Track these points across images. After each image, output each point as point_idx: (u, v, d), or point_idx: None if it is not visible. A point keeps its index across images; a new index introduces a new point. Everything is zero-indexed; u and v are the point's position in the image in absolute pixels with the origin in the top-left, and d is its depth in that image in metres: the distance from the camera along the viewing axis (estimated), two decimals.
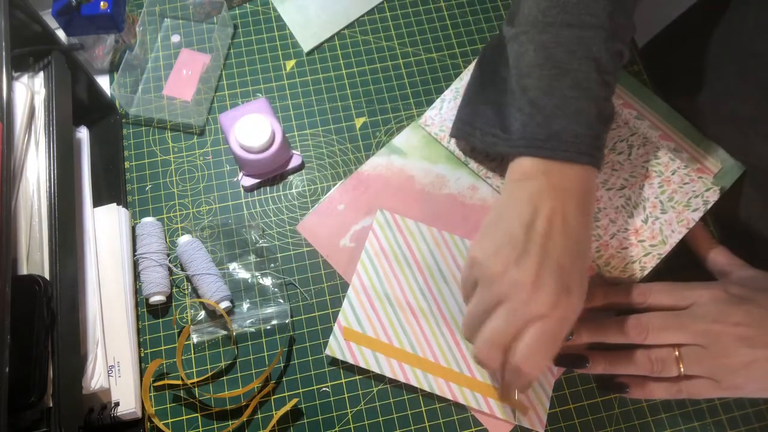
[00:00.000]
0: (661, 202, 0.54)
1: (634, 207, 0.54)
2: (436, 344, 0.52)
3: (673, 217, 0.53)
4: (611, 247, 0.54)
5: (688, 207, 0.53)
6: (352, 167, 0.60)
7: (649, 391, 0.47)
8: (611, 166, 0.55)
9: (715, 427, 0.52)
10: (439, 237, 0.55)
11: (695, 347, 0.44)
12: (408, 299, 0.53)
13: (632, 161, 0.55)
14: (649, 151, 0.55)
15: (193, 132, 0.61)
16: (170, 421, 0.51)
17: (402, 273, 0.54)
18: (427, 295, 0.53)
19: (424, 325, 0.53)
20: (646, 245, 0.53)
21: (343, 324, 0.52)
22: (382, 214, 0.56)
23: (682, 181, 0.54)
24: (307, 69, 0.64)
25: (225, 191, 0.59)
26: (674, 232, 0.53)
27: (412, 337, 0.52)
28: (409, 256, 0.55)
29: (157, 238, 0.55)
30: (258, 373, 0.53)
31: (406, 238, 0.55)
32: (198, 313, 0.54)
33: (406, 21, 0.66)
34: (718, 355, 0.44)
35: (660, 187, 0.54)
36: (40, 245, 0.45)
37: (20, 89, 0.48)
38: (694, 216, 0.53)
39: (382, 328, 0.52)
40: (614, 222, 0.53)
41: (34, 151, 0.48)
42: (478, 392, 0.51)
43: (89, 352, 0.48)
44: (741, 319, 0.44)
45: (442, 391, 0.51)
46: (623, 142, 0.55)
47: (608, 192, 0.54)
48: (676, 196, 0.54)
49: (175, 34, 0.65)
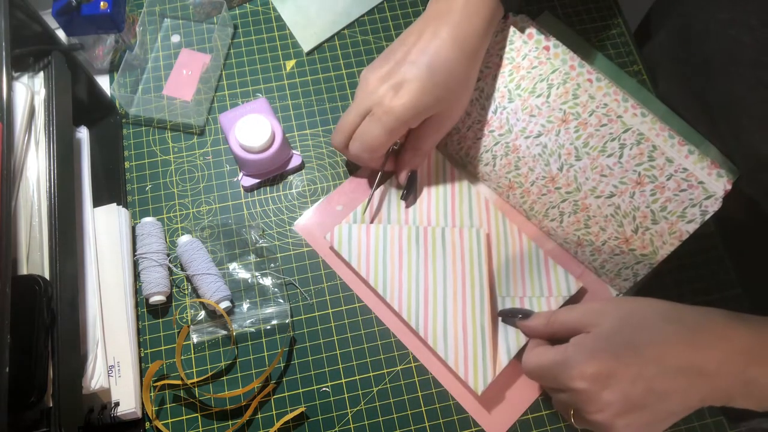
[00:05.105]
0: (653, 211, 0.50)
1: (624, 217, 0.51)
2: (407, 300, 0.53)
3: (665, 228, 0.50)
4: (604, 252, 0.54)
5: (683, 218, 0.49)
6: (351, 167, 0.60)
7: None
8: (600, 171, 0.51)
9: (715, 427, 0.52)
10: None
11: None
12: (402, 250, 0.55)
13: (623, 165, 0.50)
14: (643, 152, 0.49)
15: (193, 132, 0.61)
16: (170, 421, 0.51)
17: (408, 228, 0.56)
18: (420, 252, 0.55)
19: (404, 279, 0.54)
20: (637, 254, 0.52)
21: (334, 243, 0.56)
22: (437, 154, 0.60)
23: (678, 187, 0.48)
24: (307, 69, 0.64)
25: (225, 191, 0.59)
26: (665, 243, 0.50)
27: (389, 284, 0.54)
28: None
29: (157, 238, 0.55)
30: (258, 373, 0.53)
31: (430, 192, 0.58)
32: (198, 313, 0.54)
33: (406, 21, 0.66)
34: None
35: (652, 194, 0.50)
36: (40, 245, 0.45)
37: (20, 89, 0.48)
38: (688, 228, 0.49)
39: (366, 260, 0.55)
40: (604, 230, 0.53)
41: (34, 151, 0.48)
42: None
43: (89, 352, 0.48)
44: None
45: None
46: (615, 140, 0.50)
47: (597, 200, 0.52)
48: (669, 205, 0.49)
49: (175, 34, 0.65)
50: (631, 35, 0.66)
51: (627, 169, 0.50)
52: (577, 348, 0.42)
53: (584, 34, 0.66)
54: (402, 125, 0.49)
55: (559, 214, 0.55)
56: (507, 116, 0.54)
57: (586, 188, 0.52)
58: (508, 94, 0.54)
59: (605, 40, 0.66)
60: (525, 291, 0.54)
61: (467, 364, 0.51)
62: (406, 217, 0.57)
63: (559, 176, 0.53)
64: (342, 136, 0.52)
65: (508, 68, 0.53)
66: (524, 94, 0.53)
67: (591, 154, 0.51)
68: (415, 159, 0.55)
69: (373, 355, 0.54)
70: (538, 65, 0.52)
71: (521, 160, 0.55)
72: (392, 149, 0.55)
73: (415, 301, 0.53)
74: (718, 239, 0.58)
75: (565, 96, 0.51)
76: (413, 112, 0.49)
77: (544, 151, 0.53)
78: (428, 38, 0.49)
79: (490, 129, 0.55)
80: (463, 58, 0.49)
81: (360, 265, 0.55)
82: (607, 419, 0.40)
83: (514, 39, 0.53)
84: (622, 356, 0.40)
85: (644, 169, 0.49)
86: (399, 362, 0.53)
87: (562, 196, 0.54)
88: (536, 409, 0.52)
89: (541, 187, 0.55)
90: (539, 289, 0.54)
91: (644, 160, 0.49)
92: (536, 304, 0.52)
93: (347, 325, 0.55)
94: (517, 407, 0.52)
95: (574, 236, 0.55)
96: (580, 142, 0.51)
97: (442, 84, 0.49)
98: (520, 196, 0.56)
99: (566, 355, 0.42)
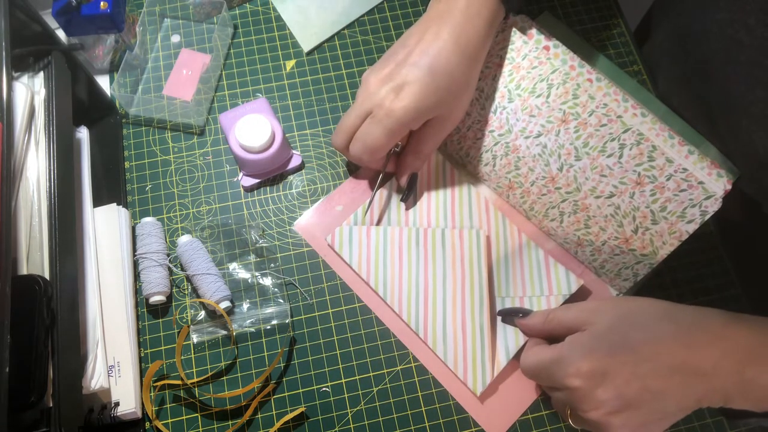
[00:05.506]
0: (653, 212, 0.50)
1: (624, 217, 0.51)
2: (407, 301, 0.53)
3: (665, 228, 0.50)
4: (604, 252, 0.54)
5: (682, 218, 0.49)
6: (351, 167, 0.60)
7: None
8: (600, 171, 0.51)
9: (715, 427, 0.52)
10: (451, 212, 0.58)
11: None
12: (402, 251, 0.55)
13: (623, 165, 0.50)
14: (643, 152, 0.49)
15: (193, 132, 0.61)
16: (170, 421, 0.51)
17: (408, 229, 0.56)
18: (420, 254, 0.55)
19: (404, 280, 0.54)
20: (637, 254, 0.52)
21: (335, 243, 0.56)
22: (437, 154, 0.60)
23: (678, 187, 0.48)
24: (307, 69, 0.64)
25: (225, 191, 0.59)
26: (665, 244, 0.50)
27: (388, 285, 0.54)
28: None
29: (157, 238, 0.55)
30: (258, 373, 0.53)
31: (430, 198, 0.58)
32: (198, 313, 0.54)
33: (406, 21, 0.66)
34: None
35: (652, 194, 0.50)
36: (40, 245, 0.45)
37: (20, 89, 0.48)
38: (688, 228, 0.49)
39: (366, 262, 0.55)
40: (604, 230, 0.53)
41: (34, 151, 0.48)
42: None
43: (89, 352, 0.48)
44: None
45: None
46: (614, 140, 0.50)
47: (597, 200, 0.52)
48: (669, 205, 0.49)
49: (175, 34, 0.65)
50: (631, 35, 0.66)
51: (627, 170, 0.50)
52: (572, 346, 0.42)
53: (584, 34, 0.66)
54: (403, 127, 0.49)
55: (559, 214, 0.55)
56: (507, 116, 0.54)
57: (585, 188, 0.52)
58: (508, 94, 0.54)
59: (605, 40, 0.66)
60: (525, 291, 0.54)
61: (466, 365, 0.51)
62: (406, 218, 0.57)
63: (559, 176, 0.53)
64: (342, 136, 0.52)
65: (508, 68, 0.53)
66: (524, 94, 0.53)
67: (591, 154, 0.51)
68: (416, 162, 0.55)
69: (373, 355, 0.54)
70: (538, 65, 0.52)
71: (521, 160, 0.55)
72: (393, 151, 0.55)
73: (414, 303, 0.53)
74: (718, 239, 0.58)
75: (565, 96, 0.51)
76: (414, 114, 0.49)
77: (543, 151, 0.53)
78: (430, 40, 0.49)
79: (490, 129, 0.55)
80: (464, 60, 0.49)
81: (360, 266, 0.55)
82: (601, 417, 0.40)
83: (514, 39, 0.53)
84: (616, 354, 0.40)
85: (644, 169, 0.49)
86: (399, 362, 0.53)
87: (562, 196, 0.54)
88: (536, 409, 0.52)
89: (541, 187, 0.55)
90: (539, 288, 0.54)
91: (644, 160, 0.49)
92: (536, 303, 0.52)
93: (347, 325, 0.55)
94: (517, 407, 0.52)
95: (574, 236, 0.55)
96: (579, 142, 0.51)
97: (443, 86, 0.49)
98: (520, 196, 0.56)
99: (562, 353, 0.42)
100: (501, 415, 0.52)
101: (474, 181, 0.59)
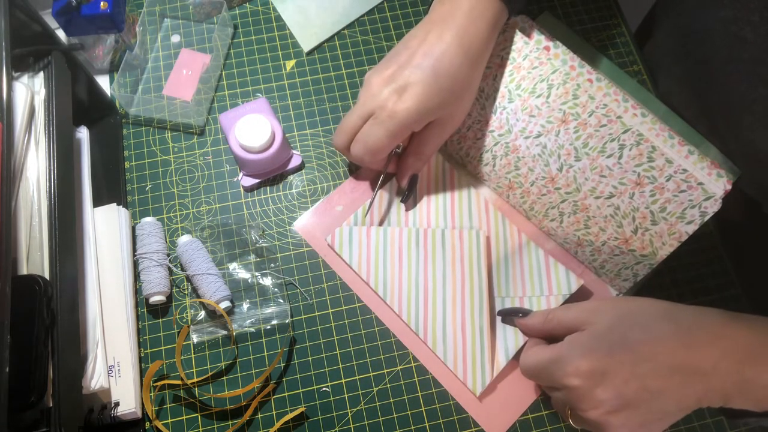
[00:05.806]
0: (652, 212, 0.50)
1: (623, 217, 0.51)
2: (407, 302, 0.54)
3: (664, 229, 0.50)
4: (604, 252, 0.54)
5: (682, 219, 0.49)
6: (352, 167, 0.60)
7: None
8: (599, 171, 0.51)
9: (715, 427, 0.52)
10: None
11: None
12: (402, 252, 0.55)
13: (623, 165, 0.50)
14: (642, 152, 0.49)
15: (193, 132, 0.61)
16: (170, 421, 0.51)
17: (408, 230, 0.56)
18: (420, 254, 0.55)
19: (404, 281, 0.54)
20: (637, 255, 0.52)
21: (335, 243, 0.56)
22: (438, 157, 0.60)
23: (678, 188, 0.48)
24: (307, 69, 0.64)
25: (225, 191, 0.59)
26: (665, 244, 0.50)
27: (389, 285, 0.54)
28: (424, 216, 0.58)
29: (157, 238, 0.55)
30: (258, 373, 0.53)
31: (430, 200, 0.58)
32: (198, 313, 0.54)
33: (406, 21, 0.66)
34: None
35: (652, 195, 0.49)
36: (40, 245, 0.45)
37: (20, 89, 0.48)
38: (687, 229, 0.49)
39: (366, 262, 0.55)
40: (604, 230, 0.53)
41: (34, 151, 0.48)
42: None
43: (89, 352, 0.48)
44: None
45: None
46: (614, 141, 0.50)
47: (597, 200, 0.52)
48: (669, 206, 0.49)
49: (175, 34, 0.65)
50: (632, 35, 0.66)
51: (626, 170, 0.50)
52: (571, 345, 0.42)
53: (584, 35, 0.66)
54: (405, 129, 0.49)
55: (559, 214, 0.55)
56: (507, 116, 0.54)
57: (585, 189, 0.52)
58: (508, 94, 0.54)
59: (605, 40, 0.66)
60: (525, 291, 0.54)
61: (466, 365, 0.51)
62: (406, 218, 0.57)
63: (559, 176, 0.53)
64: (344, 137, 0.52)
65: (509, 68, 0.53)
66: (524, 94, 0.53)
67: (590, 155, 0.51)
68: (417, 163, 0.55)
69: (373, 355, 0.54)
70: (538, 65, 0.52)
71: (521, 160, 0.55)
72: (394, 152, 0.55)
73: (414, 303, 0.53)
74: (718, 239, 0.58)
75: (565, 96, 0.51)
76: (417, 116, 0.49)
77: (543, 152, 0.53)
78: (432, 41, 0.48)
79: (490, 129, 0.55)
80: (467, 62, 0.49)
81: (360, 266, 0.55)
82: (601, 416, 0.40)
83: (515, 39, 0.53)
84: (615, 354, 0.40)
85: (644, 169, 0.49)
86: (399, 362, 0.53)
87: (562, 197, 0.54)
88: (536, 409, 0.52)
89: (541, 188, 0.55)
90: (539, 288, 0.54)
91: (644, 160, 0.49)
92: (536, 303, 0.52)
93: (347, 325, 0.55)
94: (517, 407, 0.52)
95: (574, 236, 0.55)
96: (579, 142, 0.51)
97: (446, 88, 0.48)
98: (519, 196, 0.56)
99: (561, 353, 0.42)
100: (501, 415, 0.52)
101: (474, 182, 0.59)
